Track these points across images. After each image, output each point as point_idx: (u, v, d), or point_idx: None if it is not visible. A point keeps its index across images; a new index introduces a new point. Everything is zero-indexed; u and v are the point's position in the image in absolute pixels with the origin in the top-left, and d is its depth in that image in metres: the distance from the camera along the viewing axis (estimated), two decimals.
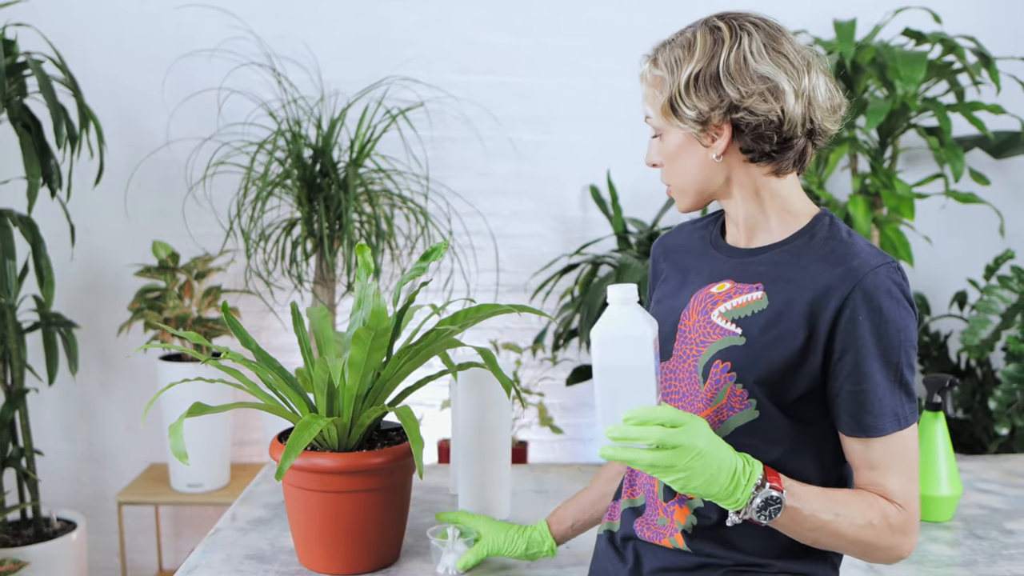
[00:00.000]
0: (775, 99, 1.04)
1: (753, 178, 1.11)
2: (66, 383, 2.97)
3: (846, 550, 1.07)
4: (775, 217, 1.13)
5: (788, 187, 1.13)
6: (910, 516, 1.07)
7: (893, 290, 1.04)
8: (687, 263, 1.22)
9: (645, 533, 1.17)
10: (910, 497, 1.07)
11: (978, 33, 2.79)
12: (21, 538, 2.57)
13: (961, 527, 1.61)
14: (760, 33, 1.06)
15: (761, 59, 1.05)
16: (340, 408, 1.37)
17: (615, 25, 2.98)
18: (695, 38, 1.08)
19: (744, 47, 1.05)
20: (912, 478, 1.07)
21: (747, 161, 1.10)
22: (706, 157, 1.10)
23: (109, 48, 2.92)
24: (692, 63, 1.06)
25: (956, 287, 3.05)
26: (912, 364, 1.07)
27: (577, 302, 2.74)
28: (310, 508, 1.36)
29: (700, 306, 1.14)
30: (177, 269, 2.75)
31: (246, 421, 3.09)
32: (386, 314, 1.26)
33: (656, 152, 1.16)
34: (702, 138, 1.09)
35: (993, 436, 2.73)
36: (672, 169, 1.14)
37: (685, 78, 1.06)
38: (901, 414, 1.06)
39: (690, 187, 1.13)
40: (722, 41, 1.06)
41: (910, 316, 1.06)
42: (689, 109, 1.07)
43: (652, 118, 1.13)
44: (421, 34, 2.97)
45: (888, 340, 1.04)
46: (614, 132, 3.02)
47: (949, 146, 2.55)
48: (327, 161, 2.64)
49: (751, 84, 1.04)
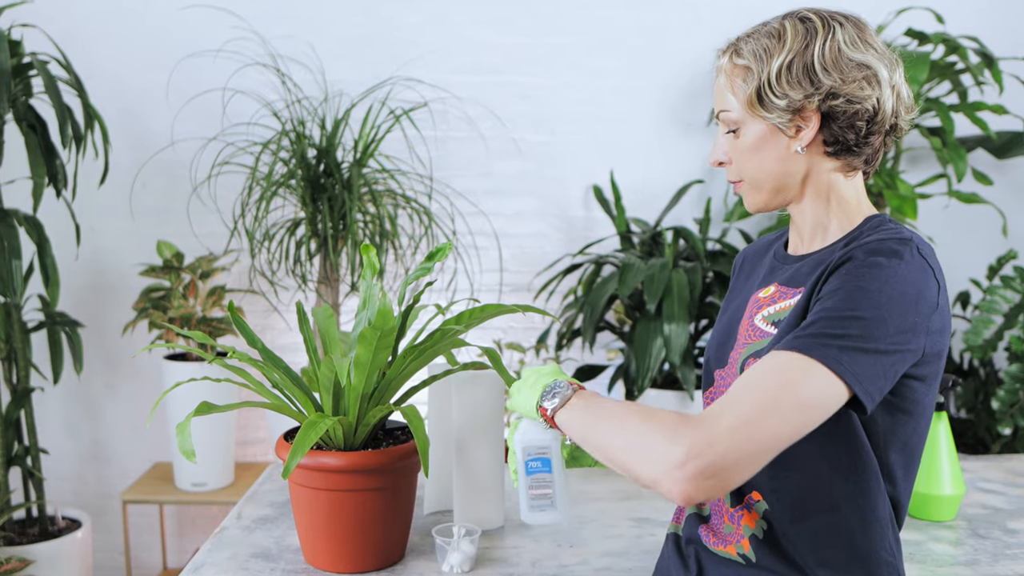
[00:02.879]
0: (872, 87, 1.05)
1: (826, 175, 1.11)
2: (71, 382, 2.99)
3: (613, 460, 0.98)
4: (835, 221, 1.13)
5: (853, 188, 1.13)
6: (695, 426, 0.90)
7: (883, 246, 1.00)
8: (754, 273, 1.24)
9: (710, 540, 1.15)
10: (716, 409, 0.92)
11: (981, 33, 2.79)
12: (26, 536, 2.58)
13: (964, 527, 1.61)
14: (850, 25, 1.07)
15: (855, 49, 1.05)
16: (346, 407, 1.37)
17: (619, 24, 2.99)
18: (784, 28, 1.07)
19: (838, 37, 1.05)
20: (739, 397, 0.92)
21: (826, 155, 1.09)
22: (788, 149, 1.09)
23: (114, 48, 2.93)
24: (785, 52, 1.05)
25: (959, 287, 3.06)
26: (873, 325, 0.95)
27: (580, 302, 2.74)
28: (316, 507, 1.37)
29: (749, 311, 1.16)
30: (182, 269, 2.76)
31: (250, 421, 3.10)
32: (392, 314, 1.27)
33: (726, 148, 1.13)
34: (787, 128, 1.08)
35: (996, 436, 2.73)
36: (749, 163, 1.12)
37: (777, 66, 1.05)
38: (805, 344, 0.94)
39: (767, 182, 1.12)
40: (815, 31, 1.06)
41: (894, 274, 0.97)
42: (779, 98, 1.06)
43: (731, 111, 1.11)
44: (424, 34, 2.97)
45: (854, 282, 0.98)
46: (618, 132, 3.02)
47: (952, 146, 2.55)
48: (331, 161, 2.65)
49: (849, 72, 1.04)
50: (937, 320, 1.02)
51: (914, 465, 1.11)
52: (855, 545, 1.07)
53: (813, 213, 1.13)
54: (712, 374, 1.20)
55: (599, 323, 2.67)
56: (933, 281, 1.01)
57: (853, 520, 1.07)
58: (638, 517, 1.65)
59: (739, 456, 0.89)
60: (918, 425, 1.08)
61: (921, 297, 0.99)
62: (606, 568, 1.43)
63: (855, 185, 1.13)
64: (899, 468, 1.09)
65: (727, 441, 0.89)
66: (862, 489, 1.07)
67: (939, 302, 1.02)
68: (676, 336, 2.49)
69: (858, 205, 1.13)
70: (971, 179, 2.95)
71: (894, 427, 1.06)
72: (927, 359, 1.03)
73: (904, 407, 1.06)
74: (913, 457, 1.10)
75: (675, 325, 2.49)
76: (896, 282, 0.97)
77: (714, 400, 1.15)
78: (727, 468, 0.89)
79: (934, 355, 1.04)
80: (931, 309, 1.00)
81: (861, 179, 1.13)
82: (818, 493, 1.07)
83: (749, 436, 0.89)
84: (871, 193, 2.70)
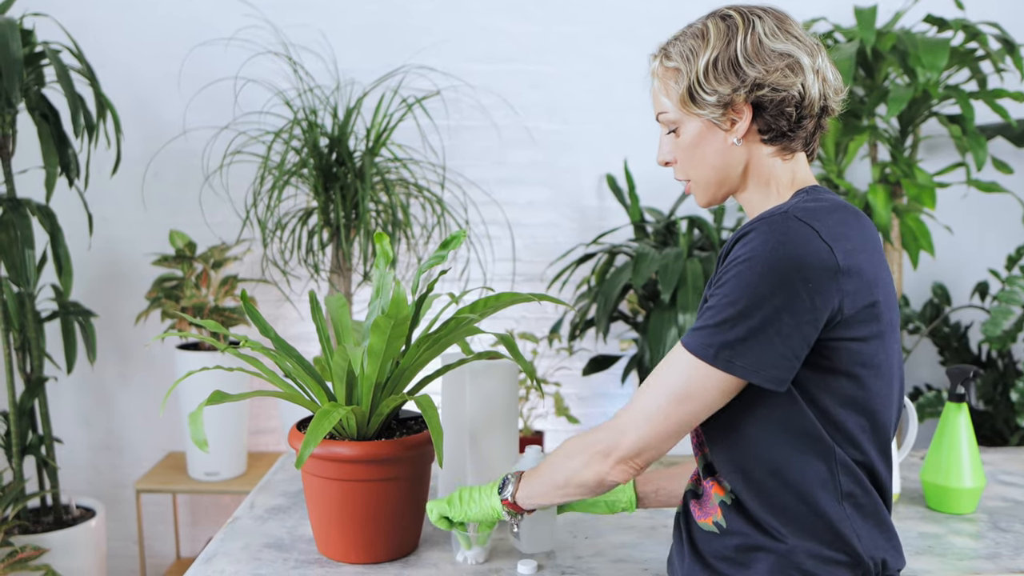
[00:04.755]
0: (795, 74, 1.10)
1: (766, 161, 1.14)
2: (84, 372, 2.99)
3: (569, 492, 1.18)
4: (774, 204, 1.15)
5: (789, 170, 1.15)
6: (615, 434, 1.12)
7: (752, 227, 1.05)
8: None
9: (697, 513, 1.19)
10: (625, 416, 1.11)
11: (1001, 19, 2.75)
12: (41, 525, 2.59)
13: (984, 519, 1.59)
14: (769, 17, 1.12)
15: (775, 39, 1.10)
16: (359, 397, 1.36)
17: (630, 12, 2.96)
18: (707, 28, 1.12)
19: (758, 30, 1.10)
20: (644, 396, 1.10)
21: (763, 142, 1.13)
22: (725, 142, 1.13)
23: (126, 37, 2.93)
24: (709, 50, 1.11)
25: (978, 277, 3.02)
26: (758, 320, 1.02)
27: (594, 292, 2.72)
28: (329, 497, 1.36)
29: None
30: (194, 258, 2.76)
31: (262, 410, 3.10)
32: (406, 302, 1.25)
33: (670, 148, 1.18)
34: (722, 122, 1.12)
35: (1015, 428, 2.70)
36: (691, 161, 1.16)
37: (704, 64, 1.10)
38: (691, 341, 1.06)
39: (711, 177, 1.16)
40: (735, 27, 1.11)
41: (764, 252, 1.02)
42: (709, 94, 1.10)
43: (667, 112, 1.16)
44: (437, 22, 2.95)
45: (731, 271, 1.04)
46: (631, 121, 3.00)
47: (971, 134, 2.52)
48: (343, 150, 2.64)
49: (771, 62, 1.09)
50: (847, 281, 1.03)
51: (872, 419, 1.10)
52: (808, 505, 1.08)
53: (758, 200, 1.17)
54: None
55: (613, 313, 2.66)
56: (819, 244, 1.02)
57: (796, 482, 1.08)
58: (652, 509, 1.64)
59: (646, 442, 1.10)
60: (873, 384, 1.08)
61: (803, 265, 1.01)
62: (621, 560, 1.41)
63: (791, 167, 1.16)
64: (857, 429, 1.09)
65: (633, 432, 1.10)
66: (800, 452, 1.08)
67: (838, 263, 1.02)
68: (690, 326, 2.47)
69: (791, 183, 1.15)
70: (991, 168, 2.91)
71: (836, 389, 1.07)
72: (854, 320, 1.04)
73: (843, 369, 1.06)
74: (875, 418, 1.10)
75: (690, 315, 2.47)
76: (767, 260, 1.01)
77: None
78: (640, 452, 1.11)
79: (862, 313, 1.05)
80: (826, 272, 1.01)
81: (802, 159, 1.17)
82: (760, 457, 1.09)
83: (651, 428, 1.09)
84: (888, 182, 2.67)
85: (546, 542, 1.43)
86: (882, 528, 1.12)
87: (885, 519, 1.12)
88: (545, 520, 1.42)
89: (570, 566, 1.39)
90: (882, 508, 1.12)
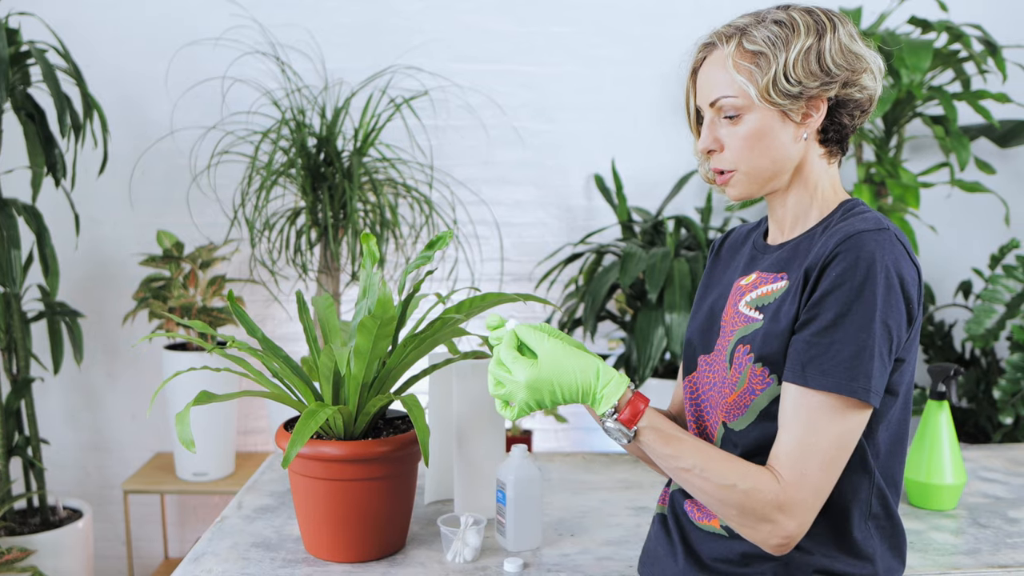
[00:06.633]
0: (875, 79, 1.11)
1: (816, 162, 1.14)
2: (71, 372, 2.99)
3: (720, 510, 1.05)
4: (816, 209, 1.15)
5: (830, 176, 1.16)
6: (792, 494, 1.01)
7: (864, 244, 1.02)
8: (733, 261, 1.26)
9: (695, 514, 1.17)
10: (797, 471, 1.01)
11: (984, 21, 2.78)
12: (27, 526, 2.58)
13: (965, 516, 1.61)
14: (845, 22, 1.12)
15: (855, 43, 1.10)
16: (346, 396, 1.37)
17: (620, 13, 2.97)
18: (795, 19, 1.09)
19: (841, 31, 1.09)
20: (806, 450, 1.01)
21: (819, 142, 1.13)
22: (793, 136, 1.10)
23: (112, 37, 2.92)
24: (800, 40, 1.07)
25: (961, 276, 3.05)
26: (880, 341, 1.01)
27: (581, 291, 2.74)
28: (316, 496, 1.37)
29: (732, 299, 1.17)
30: (182, 258, 2.75)
31: (250, 410, 3.10)
32: (392, 302, 1.26)
33: (724, 134, 1.12)
34: (796, 116, 1.09)
35: (997, 425, 2.73)
36: (750, 151, 1.11)
37: (795, 54, 1.06)
38: (840, 377, 1.00)
39: (766, 170, 1.12)
40: (824, 24, 1.09)
41: (887, 287, 1.01)
42: (793, 85, 1.07)
43: (733, 96, 1.09)
44: (425, 22, 2.96)
45: (860, 300, 1.01)
46: (619, 121, 3.01)
47: (955, 135, 2.54)
48: (331, 150, 2.64)
49: (856, 63, 1.09)
50: (919, 306, 1.07)
51: (901, 443, 1.12)
52: (837, 523, 1.09)
53: (796, 202, 1.16)
54: (695, 360, 1.22)
55: (600, 312, 2.67)
56: (911, 266, 1.04)
57: (833, 498, 1.08)
58: (638, 506, 1.65)
59: (816, 511, 1.04)
60: (904, 401, 1.11)
61: (904, 284, 1.03)
62: (607, 557, 1.43)
63: (832, 173, 1.16)
64: (891, 449, 1.11)
65: (811, 513, 1.03)
66: (849, 470, 1.08)
67: (920, 284, 1.06)
68: (678, 325, 2.49)
69: (834, 192, 1.16)
70: (974, 168, 2.94)
71: (884, 409, 1.08)
72: (911, 339, 1.08)
73: (892, 389, 1.08)
74: (899, 434, 1.12)
75: (677, 315, 2.49)
76: (883, 278, 1.01)
77: (695, 387, 1.20)
78: (808, 523, 1.04)
79: (915, 333, 1.09)
80: (917, 294, 1.05)
81: (836, 166, 1.18)
82: None
83: (823, 496, 1.04)
84: (873, 182, 2.69)
85: (532, 540, 1.44)
86: (895, 552, 1.13)
87: (901, 543, 1.14)
88: (531, 518, 1.43)
89: (556, 564, 1.40)
90: (901, 531, 1.14)
